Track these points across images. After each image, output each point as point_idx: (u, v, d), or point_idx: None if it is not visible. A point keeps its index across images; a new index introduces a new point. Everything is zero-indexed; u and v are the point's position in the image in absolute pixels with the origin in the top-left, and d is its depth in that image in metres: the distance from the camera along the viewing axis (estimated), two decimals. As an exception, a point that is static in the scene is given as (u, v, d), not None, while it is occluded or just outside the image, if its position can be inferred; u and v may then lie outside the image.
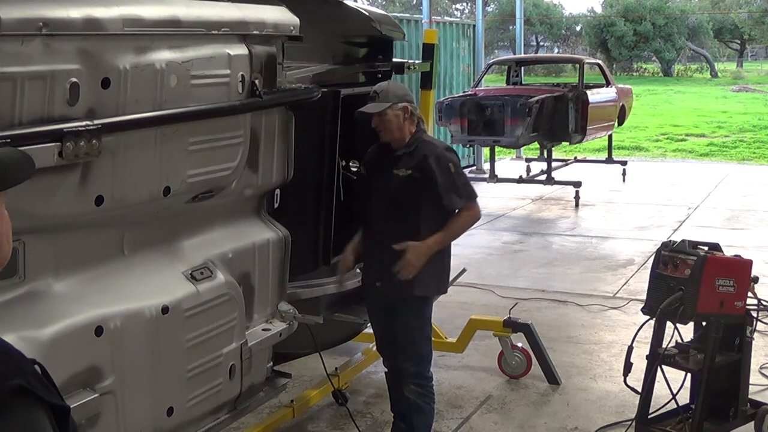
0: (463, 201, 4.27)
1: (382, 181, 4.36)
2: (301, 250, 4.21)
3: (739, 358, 4.59)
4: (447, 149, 4.43)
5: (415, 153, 4.29)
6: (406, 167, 4.27)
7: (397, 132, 4.29)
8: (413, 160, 4.27)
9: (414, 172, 4.25)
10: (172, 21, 3.11)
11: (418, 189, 4.25)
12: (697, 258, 4.38)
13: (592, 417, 5.13)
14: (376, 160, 4.47)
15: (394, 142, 4.33)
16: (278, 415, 4.61)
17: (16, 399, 1.42)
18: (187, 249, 3.51)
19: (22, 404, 1.42)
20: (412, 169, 4.26)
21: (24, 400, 1.42)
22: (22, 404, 1.42)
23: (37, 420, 1.44)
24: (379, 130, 4.31)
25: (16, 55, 2.55)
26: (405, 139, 4.31)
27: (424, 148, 4.30)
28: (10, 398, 1.41)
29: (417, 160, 4.27)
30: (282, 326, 3.96)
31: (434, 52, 5.41)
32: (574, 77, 14.70)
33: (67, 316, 2.87)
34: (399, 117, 4.27)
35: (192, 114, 3.20)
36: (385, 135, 4.32)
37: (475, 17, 16.56)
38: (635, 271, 8.39)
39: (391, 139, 4.32)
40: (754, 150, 18.19)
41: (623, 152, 17.09)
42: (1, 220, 1.60)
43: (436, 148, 4.34)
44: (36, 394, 1.44)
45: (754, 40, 52.23)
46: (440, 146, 4.43)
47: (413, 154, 4.29)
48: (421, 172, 4.24)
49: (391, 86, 4.38)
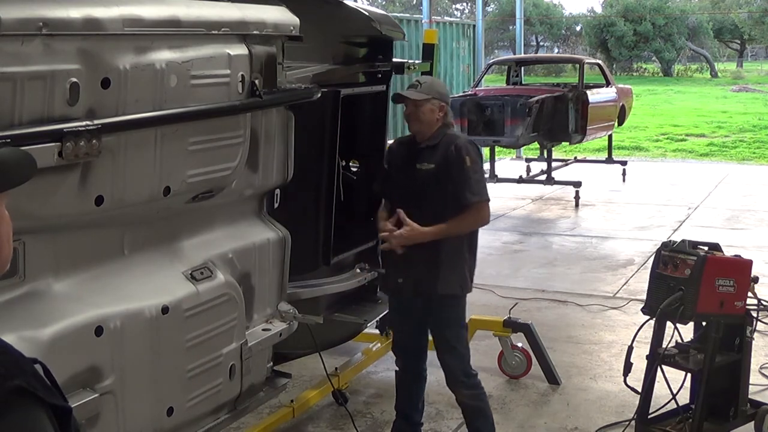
0: (474, 197, 4.19)
1: (404, 177, 4.34)
2: (301, 250, 4.21)
3: (739, 358, 4.59)
4: (469, 142, 4.39)
5: (439, 147, 4.26)
6: (429, 161, 4.24)
7: (426, 125, 4.28)
8: (437, 154, 4.24)
9: (437, 166, 4.22)
10: (172, 21, 3.11)
11: (442, 184, 4.21)
12: (697, 258, 4.38)
13: (592, 417, 5.13)
14: (398, 155, 4.46)
15: (419, 135, 4.32)
16: (278, 415, 4.61)
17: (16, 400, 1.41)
18: (187, 249, 3.51)
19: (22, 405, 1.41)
20: (435, 163, 4.22)
21: (24, 400, 1.41)
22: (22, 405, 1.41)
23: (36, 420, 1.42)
24: (410, 118, 4.30)
25: (16, 55, 2.55)
26: (430, 134, 4.30)
27: (447, 141, 4.27)
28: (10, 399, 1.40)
29: (440, 153, 4.23)
30: (282, 326, 3.96)
31: (434, 52, 5.41)
32: (574, 77, 14.69)
33: (67, 316, 2.87)
34: (433, 112, 4.26)
35: (192, 114, 3.20)
36: (413, 125, 4.31)
37: (475, 17, 16.56)
38: (635, 271, 8.39)
39: (417, 131, 4.31)
40: (754, 150, 18.20)
41: (623, 152, 17.09)
42: (2, 221, 1.58)
43: (457, 139, 4.32)
44: (36, 395, 1.43)
45: (754, 40, 52.23)
46: (462, 138, 4.41)
47: (437, 148, 4.25)
48: (445, 165, 4.21)
49: (436, 82, 4.43)
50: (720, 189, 13.21)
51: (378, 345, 5.70)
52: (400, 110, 14.22)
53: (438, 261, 4.22)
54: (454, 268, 4.24)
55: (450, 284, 4.26)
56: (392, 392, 5.45)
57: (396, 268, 4.36)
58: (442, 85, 4.49)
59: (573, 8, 77.41)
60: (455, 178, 4.18)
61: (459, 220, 4.20)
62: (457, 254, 4.25)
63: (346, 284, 4.81)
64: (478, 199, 4.20)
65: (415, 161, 4.28)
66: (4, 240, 1.59)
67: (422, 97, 4.23)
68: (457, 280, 4.28)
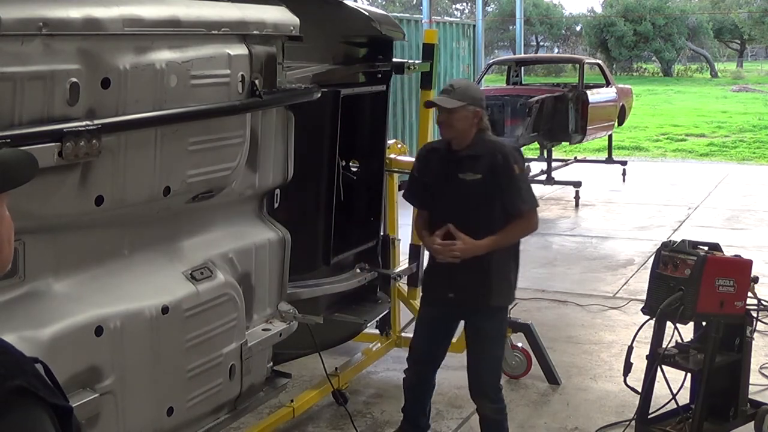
0: (525, 206, 4.10)
1: (446, 187, 4.17)
2: (301, 250, 4.20)
3: (739, 358, 4.59)
4: (515, 149, 4.26)
5: (483, 155, 4.08)
6: (474, 171, 4.07)
7: (460, 133, 4.09)
8: (481, 163, 4.07)
9: (484, 176, 4.06)
10: (172, 21, 3.11)
11: (490, 193, 4.07)
12: (697, 258, 4.38)
13: (592, 417, 5.13)
14: (434, 163, 4.26)
15: (455, 142, 4.14)
16: (278, 415, 4.60)
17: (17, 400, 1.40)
18: (187, 249, 3.51)
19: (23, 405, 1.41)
20: (482, 173, 4.06)
21: (24, 400, 1.41)
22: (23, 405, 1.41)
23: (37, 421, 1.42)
24: (444, 126, 4.12)
25: (16, 55, 2.55)
26: (468, 141, 4.11)
27: (491, 149, 4.10)
28: (10, 399, 1.39)
29: (486, 162, 4.06)
30: (282, 326, 3.95)
31: (434, 52, 5.41)
32: (574, 77, 14.69)
33: (67, 316, 2.87)
34: (468, 119, 4.06)
35: (192, 114, 3.20)
36: (447, 132, 4.13)
37: (475, 17, 16.57)
38: (635, 271, 8.39)
39: (452, 138, 4.14)
40: (754, 150, 18.19)
41: (623, 152, 17.09)
42: (3, 222, 1.57)
43: (503, 147, 4.16)
44: (37, 395, 1.43)
45: (754, 40, 52.23)
46: (507, 146, 4.25)
47: (480, 157, 4.08)
48: (492, 175, 4.05)
49: (471, 87, 4.23)
50: (720, 189, 13.21)
51: (378, 345, 5.70)
52: (399, 110, 14.23)
53: (489, 273, 4.12)
54: (503, 279, 4.17)
55: (500, 296, 4.19)
56: (392, 392, 5.46)
57: (445, 282, 4.19)
58: (476, 89, 4.28)
59: (573, 8, 77.51)
60: (505, 188, 4.05)
61: (511, 230, 4.10)
62: (505, 264, 4.16)
63: (346, 284, 4.81)
64: (530, 207, 4.12)
65: (456, 171, 4.10)
66: (5, 241, 1.58)
67: (456, 104, 4.03)
68: (506, 291, 4.22)
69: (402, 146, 5.87)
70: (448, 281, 4.17)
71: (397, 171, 5.57)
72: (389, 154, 5.41)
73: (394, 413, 5.17)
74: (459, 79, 4.35)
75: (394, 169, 5.52)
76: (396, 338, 5.78)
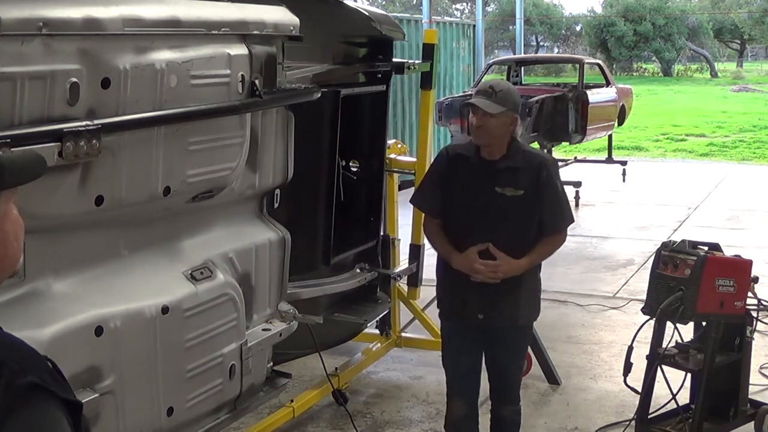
0: (564, 223, 3.95)
1: (478, 201, 3.85)
2: (301, 250, 4.21)
3: (739, 358, 4.59)
4: (554, 164, 4.01)
5: (523, 168, 3.82)
6: (515, 186, 3.80)
7: (496, 140, 3.80)
8: (523, 177, 3.81)
9: (527, 192, 3.80)
10: (172, 21, 3.11)
11: (531, 210, 3.84)
12: (697, 258, 4.38)
13: (592, 417, 5.13)
14: (463, 172, 3.91)
15: (487, 150, 3.84)
16: (278, 415, 4.60)
17: (30, 395, 1.42)
18: (187, 249, 3.51)
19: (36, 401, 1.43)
20: (524, 188, 3.80)
21: (38, 396, 1.43)
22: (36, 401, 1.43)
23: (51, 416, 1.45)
24: (479, 131, 3.79)
25: (16, 55, 2.55)
26: (502, 150, 3.83)
27: (531, 161, 3.85)
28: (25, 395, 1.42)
29: (529, 177, 3.81)
30: (282, 326, 3.96)
31: (434, 52, 5.40)
32: (574, 77, 14.69)
33: (67, 316, 2.87)
34: (506, 126, 3.79)
35: (192, 114, 3.20)
36: (481, 138, 3.81)
37: (475, 17, 16.57)
38: (635, 271, 8.39)
39: (486, 145, 3.83)
40: (754, 150, 18.20)
41: (623, 152, 17.09)
42: (9, 220, 1.57)
43: (545, 160, 3.95)
44: (49, 390, 1.45)
45: (754, 40, 52.25)
46: (548, 158, 4.05)
47: (520, 170, 3.82)
48: (536, 192, 3.81)
49: (512, 91, 3.87)
50: (720, 189, 13.21)
51: (378, 345, 5.70)
52: (399, 110, 14.19)
53: (519, 292, 3.92)
54: (531, 296, 4.00)
55: (529, 314, 4.04)
56: (392, 392, 5.48)
57: (477, 302, 3.90)
58: (516, 93, 3.93)
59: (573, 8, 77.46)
60: (549, 206, 3.85)
61: (546, 246, 3.93)
62: (534, 281, 4.00)
63: (346, 284, 4.81)
64: (567, 224, 3.98)
65: (493, 184, 3.81)
66: (11, 238, 1.57)
67: (498, 109, 3.72)
68: (534, 308, 4.06)
69: (402, 146, 5.88)
70: (479, 302, 3.90)
71: (397, 171, 5.57)
72: (389, 154, 5.42)
73: (394, 413, 5.18)
74: (498, 81, 3.95)
75: (394, 169, 5.52)
76: (396, 338, 5.78)
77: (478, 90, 3.86)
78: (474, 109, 3.78)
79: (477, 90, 3.89)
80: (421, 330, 5.92)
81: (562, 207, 3.92)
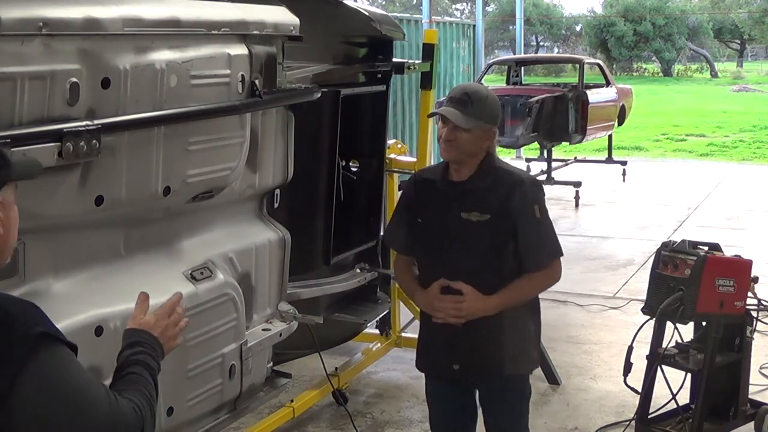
0: (551, 258, 3.31)
1: (444, 229, 3.28)
2: (301, 250, 4.21)
3: (739, 358, 4.59)
4: (534, 183, 3.34)
5: (493, 189, 3.23)
6: (482, 210, 3.21)
7: (467, 158, 3.25)
8: (491, 199, 3.22)
9: (494, 217, 3.20)
10: (172, 21, 3.11)
11: (501, 239, 3.22)
12: (697, 258, 4.38)
13: (592, 417, 5.13)
14: (428, 198, 3.36)
15: (456, 168, 3.29)
16: (278, 415, 4.60)
17: (43, 341, 1.77)
18: (187, 249, 3.51)
19: (49, 345, 1.78)
20: (492, 212, 3.20)
21: (49, 342, 1.79)
22: (49, 345, 1.78)
23: (65, 356, 1.82)
24: (447, 145, 3.24)
25: (16, 55, 2.55)
26: (472, 168, 3.26)
27: (503, 181, 3.24)
28: (40, 341, 1.76)
29: (497, 199, 3.21)
30: (282, 326, 3.96)
31: (434, 52, 5.41)
32: (574, 77, 14.69)
33: (67, 316, 2.87)
34: (479, 141, 3.22)
35: (192, 114, 3.20)
36: (449, 153, 3.24)
37: (475, 17, 16.57)
38: (635, 271, 8.39)
39: (455, 161, 3.27)
40: (754, 150, 18.21)
41: (623, 152, 17.09)
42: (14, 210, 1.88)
43: (520, 181, 3.26)
44: (57, 337, 1.81)
45: (754, 40, 52.27)
46: (525, 178, 3.34)
47: (489, 191, 3.23)
48: (504, 218, 3.20)
49: (490, 99, 3.26)
50: (720, 189, 13.21)
51: (378, 345, 5.70)
52: (400, 110, 14.19)
53: (501, 335, 3.30)
54: (520, 340, 3.35)
55: (519, 362, 3.38)
56: (392, 392, 5.48)
57: (446, 351, 3.34)
58: (496, 102, 3.31)
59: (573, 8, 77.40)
60: (525, 235, 3.21)
61: (528, 284, 3.31)
62: (521, 321, 3.35)
63: (346, 284, 4.81)
64: (553, 259, 3.33)
65: (459, 208, 3.24)
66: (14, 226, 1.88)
67: (471, 123, 3.18)
68: (526, 355, 3.41)
69: (402, 146, 5.88)
70: (449, 350, 3.33)
71: (397, 171, 5.57)
72: (389, 154, 5.41)
73: (394, 413, 5.19)
74: (476, 87, 3.31)
75: (394, 169, 5.52)
76: (396, 338, 5.78)
77: (451, 96, 3.27)
78: (443, 120, 3.22)
79: (449, 96, 3.27)
80: (421, 330, 5.92)
81: (543, 237, 3.27)
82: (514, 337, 3.33)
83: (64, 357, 1.80)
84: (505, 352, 3.31)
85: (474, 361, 3.32)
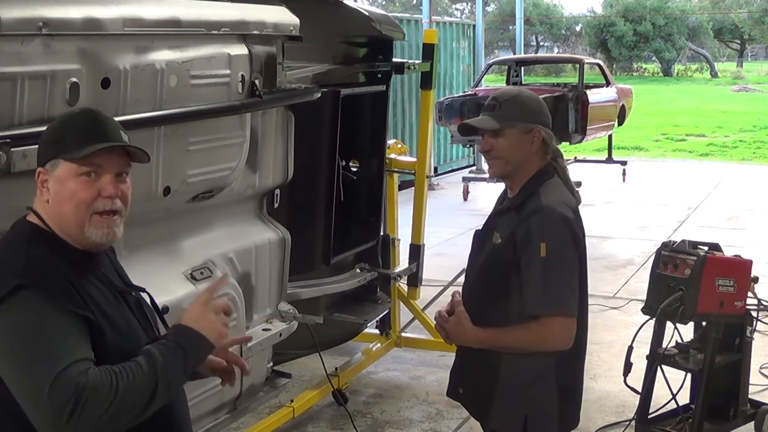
0: (541, 308, 2.71)
1: (478, 244, 2.98)
2: (301, 250, 4.21)
3: (739, 358, 4.59)
4: (549, 218, 2.75)
5: (517, 212, 2.82)
6: (501, 232, 2.83)
7: (513, 168, 2.84)
8: (511, 222, 2.82)
9: (504, 243, 2.80)
10: (172, 21, 3.11)
11: (506, 271, 2.79)
12: (697, 258, 4.38)
13: (592, 417, 5.12)
14: (490, 218, 3.00)
15: (508, 182, 2.90)
16: (278, 415, 4.60)
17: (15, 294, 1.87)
18: (187, 249, 3.51)
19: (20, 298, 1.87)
20: (503, 238, 2.81)
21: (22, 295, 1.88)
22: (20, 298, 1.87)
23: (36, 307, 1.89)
24: (487, 156, 2.90)
25: (16, 55, 2.55)
26: (521, 183, 2.85)
27: (528, 206, 2.79)
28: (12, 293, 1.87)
29: (512, 224, 2.81)
30: (282, 326, 3.96)
31: (434, 52, 5.41)
32: (574, 77, 14.69)
33: (67, 316, 2.86)
34: (521, 144, 2.82)
35: (192, 114, 3.20)
36: (492, 167, 2.90)
37: (475, 17, 16.57)
38: (635, 271, 8.39)
39: (500, 175, 2.89)
40: (754, 150, 18.21)
41: (623, 152, 17.09)
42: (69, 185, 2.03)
43: (537, 211, 2.76)
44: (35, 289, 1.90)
45: (754, 40, 52.27)
46: (544, 209, 2.76)
47: (514, 213, 2.82)
48: (511, 245, 2.77)
49: (525, 98, 2.93)
50: (720, 189, 13.22)
51: (378, 345, 5.70)
52: (399, 110, 14.17)
53: (494, 381, 2.86)
54: (512, 401, 2.85)
55: (504, 421, 2.88)
56: (392, 392, 5.48)
57: (457, 372, 3.07)
58: (534, 98, 2.98)
59: (573, 8, 77.41)
60: (524, 276, 2.74)
61: (517, 332, 2.77)
62: (522, 381, 2.83)
63: (346, 284, 4.81)
64: (547, 312, 2.71)
65: (494, 226, 2.90)
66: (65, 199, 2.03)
67: (499, 124, 2.81)
68: (516, 420, 2.83)
69: (402, 146, 5.88)
70: (458, 373, 3.07)
71: (397, 171, 5.57)
72: (389, 154, 5.42)
73: (394, 413, 5.18)
74: (506, 89, 3.05)
75: (394, 169, 5.52)
76: (396, 338, 5.78)
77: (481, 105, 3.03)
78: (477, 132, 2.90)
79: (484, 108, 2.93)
80: (421, 330, 5.92)
81: (544, 282, 2.71)
82: (504, 389, 2.85)
83: (30, 309, 1.87)
84: (495, 400, 2.87)
85: (469, 392, 3.02)
